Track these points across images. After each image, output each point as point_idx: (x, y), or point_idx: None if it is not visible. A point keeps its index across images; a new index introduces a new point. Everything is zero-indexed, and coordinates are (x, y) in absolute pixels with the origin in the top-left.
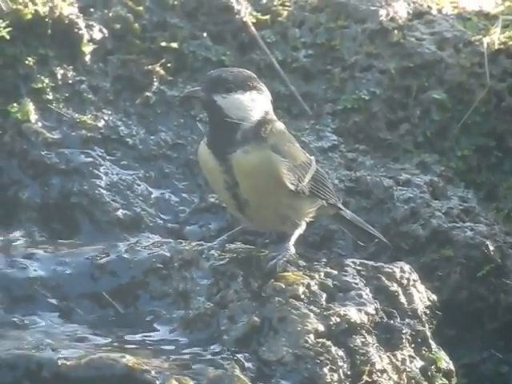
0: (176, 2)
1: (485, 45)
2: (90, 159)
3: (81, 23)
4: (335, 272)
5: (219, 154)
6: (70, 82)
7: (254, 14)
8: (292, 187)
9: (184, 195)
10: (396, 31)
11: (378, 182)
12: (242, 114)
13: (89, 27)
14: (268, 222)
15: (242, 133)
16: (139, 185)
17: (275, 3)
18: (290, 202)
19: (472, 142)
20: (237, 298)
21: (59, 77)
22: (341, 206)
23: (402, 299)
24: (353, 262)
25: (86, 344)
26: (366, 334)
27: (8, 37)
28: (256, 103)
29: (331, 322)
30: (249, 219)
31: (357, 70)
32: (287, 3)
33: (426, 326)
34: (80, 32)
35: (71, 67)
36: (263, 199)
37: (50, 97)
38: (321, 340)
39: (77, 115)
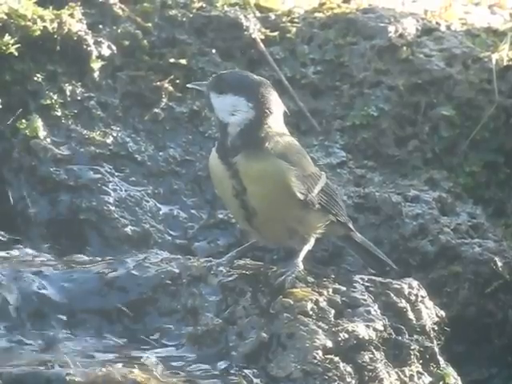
0: (185, 19)
1: (493, 61)
2: (99, 175)
3: (89, 40)
4: (344, 288)
5: (224, 158)
6: (79, 98)
7: (263, 30)
8: (301, 196)
9: (193, 211)
10: (405, 48)
11: (387, 198)
12: (226, 116)
13: (97, 43)
14: (276, 234)
15: (230, 138)
16: (148, 201)
17: (284, 20)
18: (299, 214)
19: (481, 158)
20: (245, 314)
21: (68, 93)
22: (351, 226)
23: (411, 315)
24: (361, 279)
25: (94, 360)
26: (374, 350)
27: (16, 53)
28: (239, 109)
29: (339, 338)
30: (257, 231)
31: (365, 86)
32: (296, 20)
33: (435, 342)
34: (89, 48)
35: (80, 83)
36: (271, 208)
37: (59, 113)
38: (329, 356)
39: (85, 131)
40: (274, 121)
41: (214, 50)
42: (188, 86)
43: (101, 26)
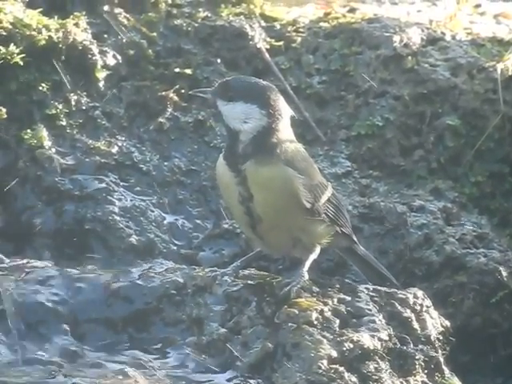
0: (190, 28)
1: (498, 71)
2: (104, 185)
3: (94, 49)
4: (348, 298)
5: (233, 165)
6: (84, 108)
7: (268, 40)
8: (307, 205)
9: (197, 221)
10: (410, 57)
11: (392, 208)
12: (238, 125)
13: (102, 53)
14: (279, 243)
15: (242, 145)
16: (153, 211)
17: (289, 29)
18: (304, 223)
19: (486, 168)
20: (250, 324)
21: (73, 103)
22: (355, 238)
23: (415, 325)
24: (366, 288)
25: (99, 369)
26: (379, 360)
27: (22, 63)
28: (252, 116)
29: (344, 348)
30: (260, 239)
31: (371, 96)
32: (301, 29)
33: (439, 351)
34: (94, 58)
35: (85, 93)
36: (277, 216)
37: (64, 123)
38: (334, 366)
39: (90, 141)
40: (284, 126)
41: (219, 60)
42: (191, 92)
43: (106, 36)
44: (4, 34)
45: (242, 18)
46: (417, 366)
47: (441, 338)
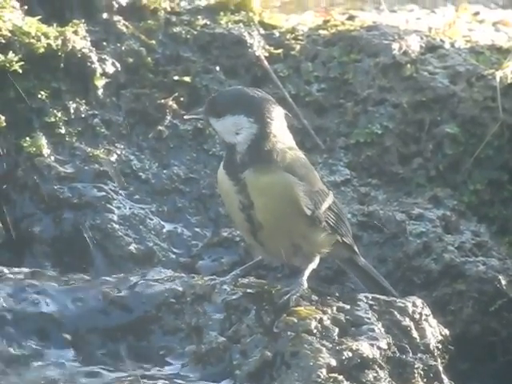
0: (189, 36)
1: (497, 79)
2: (103, 193)
3: (93, 57)
4: (348, 306)
5: (232, 174)
6: (83, 115)
7: (267, 47)
8: (308, 212)
9: (197, 229)
10: (409, 65)
11: (391, 216)
12: (231, 138)
13: (101, 61)
14: (280, 250)
15: (240, 155)
16: (152, 219)
17: (288, 37)
18: (305, 230)
19: (485, 176)
20: (249, 332)
21: (72, 111)
22: (356, 249)
23: (415, 334)
24: (365, 297)
25: (97, 379)
26: (378, 369)
27: (20, 70)
28: (242, 127)
29: (343, 357)
30: (261, 246)
31: (369, 103)
32: (300, 37)
33: (439, 360)
34: (93, 66)
35: (84, 101)
36: (277, 223)
37: (63, 131)
38: (333, 375)
39: (89, 149)
40: (277, 128)
41: (218, 68)
42: (186, 117)
43: (105, 43)
44: (3, 41)
45: (240, 26)
46: (416, 375)
47: (440, 346)
